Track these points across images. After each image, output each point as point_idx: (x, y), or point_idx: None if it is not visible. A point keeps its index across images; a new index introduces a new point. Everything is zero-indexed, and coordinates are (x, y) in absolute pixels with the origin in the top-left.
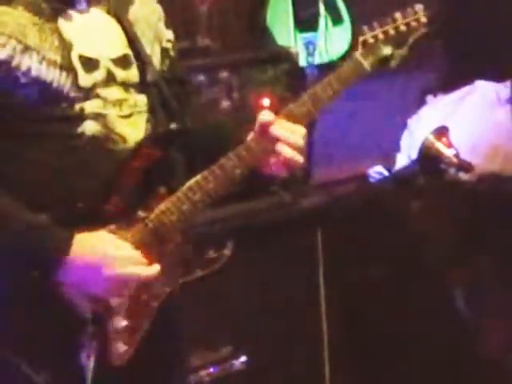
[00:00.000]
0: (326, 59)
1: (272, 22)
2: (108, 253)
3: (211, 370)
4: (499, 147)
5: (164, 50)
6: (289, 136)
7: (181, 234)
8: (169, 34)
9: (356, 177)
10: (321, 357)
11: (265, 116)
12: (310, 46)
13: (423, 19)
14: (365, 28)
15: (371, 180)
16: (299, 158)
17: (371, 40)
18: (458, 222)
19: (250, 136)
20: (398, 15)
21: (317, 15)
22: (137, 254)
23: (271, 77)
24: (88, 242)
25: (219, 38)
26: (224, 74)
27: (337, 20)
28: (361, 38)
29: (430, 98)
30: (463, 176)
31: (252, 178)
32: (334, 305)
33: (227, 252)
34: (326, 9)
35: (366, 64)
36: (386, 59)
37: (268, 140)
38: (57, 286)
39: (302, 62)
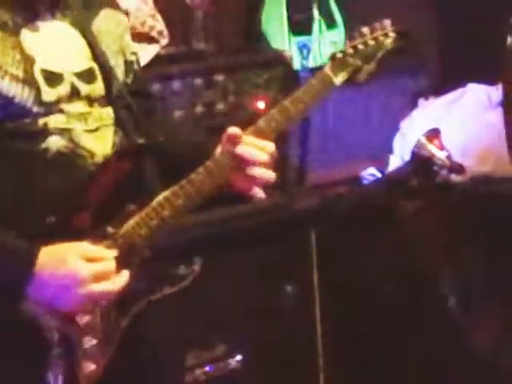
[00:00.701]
0: (319, 63)
1: (267, 26)
2: (77, 271)
3: (207, 368)
4: (490, 149)
5: (128, 63)
6: (253, 153)
7: (150, 250)
8: (134, 47)
9: (350, 179)
10: (315, 355)
11: (232, 131)
12: (304, 49)
13: (392, 34)
14: None
15: (365, 182)
16: (265, 174)
17: (340, 54)
18: (450, 222)
19: (219, 150)
20: (365, 30)
21: (311, 19)
22: (107, 264)
23: (266, 80)
24: (55, 254)
25: (215, 42)
26: (220, 78)
27: (330, 24)
28: (330, 53)
29: (421, 100)
30: (455, 177)
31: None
32: (327, 303)
33: (196, 268)
34: (320, 13)
35: (335, 78)
36: (354, 73)
37: (234, 157)
38: (24, 304)
39: (296, 66)
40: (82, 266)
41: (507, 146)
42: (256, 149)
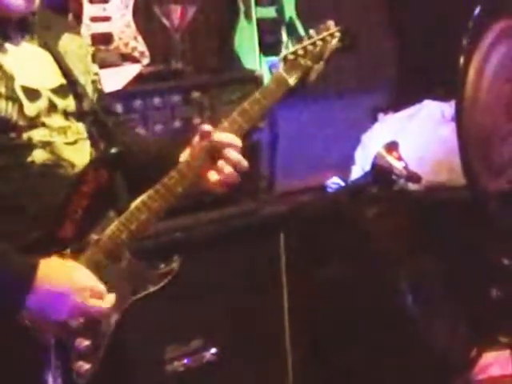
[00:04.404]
0: None
1: (239, 47)
2: (77, 280)
3: (185, 361)
4: (444, 160)
5: (93, 83)
6: (230, 137)
7: (131, 252)
8: (95, 68)
9: (315, 187)
10: (283, 348)
11: (205, 128)
12: (273, 68)
13: (336, 34)
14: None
15: (329, 190)
16: (242, 160)
17: (291, 56)
18: (406, 226)
19: (190, 153)
20: (312, 32)
21: (280, 41)
22: (101, 285)
23: (239, 97)
24: (54, 268)
25: (192, 62)
26: (196, 95)
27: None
28: (281, 55)
29: (381, 115)
30: (412, 186)
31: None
32: (295, 300)
33: (175, 266)
34: (288, 35)
35: (289, 79)
36: (305, 74)
37: (208, 150)
38: (20, 312)
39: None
40: (82, 278)
41: (459, 157)
42: (229, 137)
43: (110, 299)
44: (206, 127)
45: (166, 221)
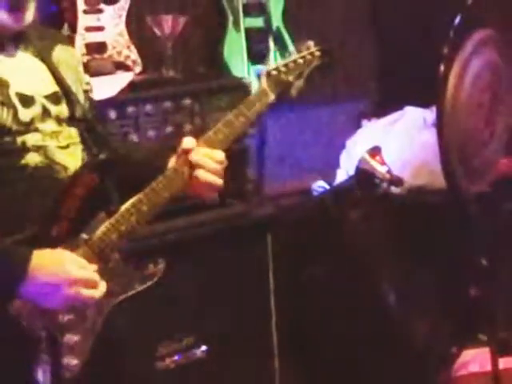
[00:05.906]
0: None
1: (228, 56)
2: (70, 271)
3: (176, 357)
4: (426, 164)
5: (85, 92)
6: (205, 161)
7: (120, 253)
8: (86, 78)
9: (301, 190)
10: (270, 347)
11: (186, 143)
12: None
13: (316, 53)
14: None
15: (314, 193)
16: (215, 180)
17: (274, 72)
18: (389, 228)
19: (176, 160)
20: (293, 50)
21: (267, 50)
22: (94, 274)
23: (227, 104)
24: (47, 258)
25: (182, 70)
26: (187, 101)
27: (285, 54)
28: (265, 71)
29: (365, 121)
30: (394, 189)
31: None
32: (281, 300)
33: (162, 266)
34: (275, 44)
35: (271, 93)
36: (287, 89)
37: (188, 165)
38: (9, 304)
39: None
40: (75, 269)
41: (440, 161)
42: (207, 157)
43: (101, 288)
44: (187, 143)
45: (157, 223)
